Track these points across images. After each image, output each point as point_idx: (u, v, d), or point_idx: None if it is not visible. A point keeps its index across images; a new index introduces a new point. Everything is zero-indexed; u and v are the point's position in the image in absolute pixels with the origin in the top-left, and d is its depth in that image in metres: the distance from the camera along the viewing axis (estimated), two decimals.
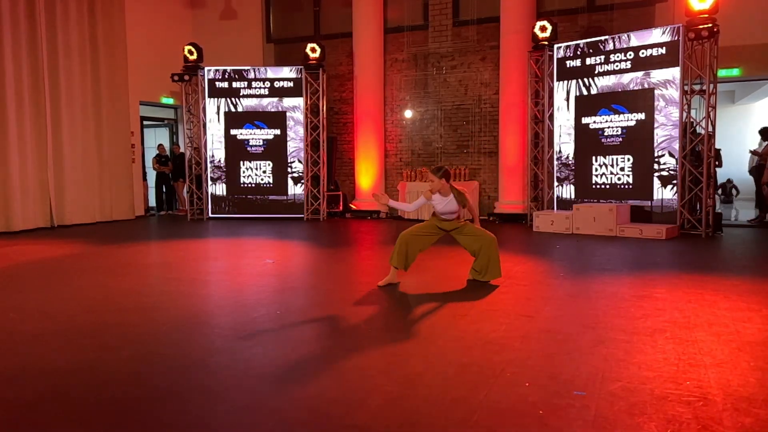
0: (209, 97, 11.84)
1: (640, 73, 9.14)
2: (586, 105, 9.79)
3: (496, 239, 5.41)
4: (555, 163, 10.21)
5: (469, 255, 5.51)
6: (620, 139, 9.40)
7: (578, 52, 9.85)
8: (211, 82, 11.81)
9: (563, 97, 10.06)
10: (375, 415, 2.56)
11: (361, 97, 12.26)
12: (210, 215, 11.96)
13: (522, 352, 3.38)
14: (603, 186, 9.63)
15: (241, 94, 11.82)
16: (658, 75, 8.95)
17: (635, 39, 9.18)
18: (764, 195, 10.06)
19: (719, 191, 11.55)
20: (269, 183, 11.90)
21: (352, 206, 12.43)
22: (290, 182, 11.87)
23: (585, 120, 9.81)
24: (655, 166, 9.03)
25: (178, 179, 13.36)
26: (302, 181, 11.82)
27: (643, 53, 9.10)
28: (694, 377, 2.94)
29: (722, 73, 9.62)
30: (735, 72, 10.09)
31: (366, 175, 12.28)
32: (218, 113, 11.86)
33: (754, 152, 10.98)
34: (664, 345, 3.47)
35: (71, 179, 10.86)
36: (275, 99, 11.78)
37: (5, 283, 5.70)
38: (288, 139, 11.82)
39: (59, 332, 3.91)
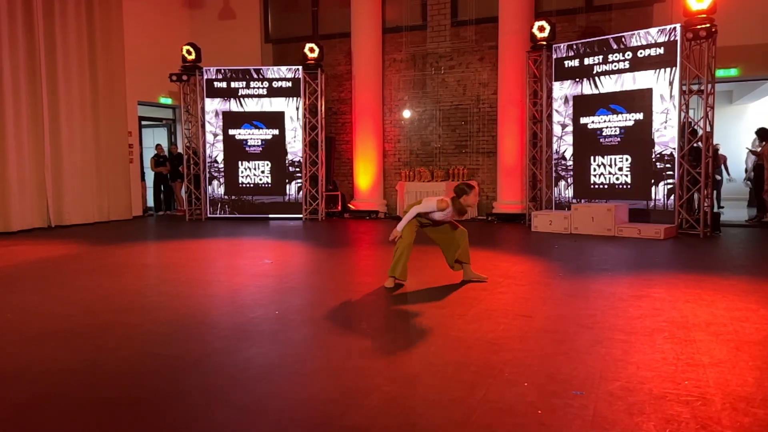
0: (207, 97, 11.83)
1: (638, 73, 9.14)
2: (584, 105, 9.80)
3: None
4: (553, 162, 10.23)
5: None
6: (618, 139, 9.41)
7: (576, 53, 9.86)
8: (210, 82, 11.80)
9: (561, 97, 10.08)
10: (373, 415, 2.56)
11: (360, 97, 12.26)
12: (208, 215, 11.95)
13: (520, 352, 3.38)
14: (601, 186, 9.64)
15: (239, 94, 11.80)
16: (656, 75, 8.96)
17: (633, 39, 9.18)
18: (764, 200, 10.05)
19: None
20: (268, 183, 11.89)
21: (350, 206, 12.42)
22: (289, 182, 11.86)
23: (583, 120, 9.82)
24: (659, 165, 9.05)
25: (177, 179, 13.35)
26: (301, 181, 11.81)
27: (641, 53, 9.10)
28: (692, 377, 2.94)
29: (720, 73, 9.64)
30: (733, 72, 10.11)
31: (364, 175, 12.28)
32: (216, 113, 11.85)
33: (753, 152, 11.01)
34: (662, 345, 3.47)
35: (69, 179, 10.83)
36: (274, 99, 11.77)
37: (2, 283, 5.69)
38: (286, 139, 11.81)
39: (57, 333, 3.91)
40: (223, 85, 11.80)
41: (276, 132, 11.81)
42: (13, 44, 9.87)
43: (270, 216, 11.88)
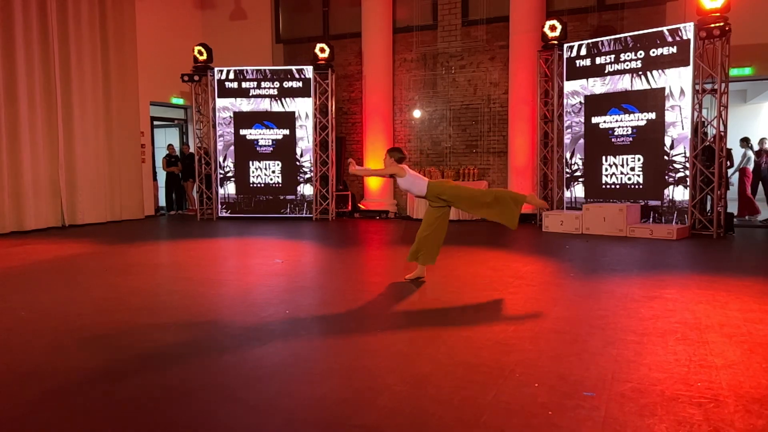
0: (219, 97, 11.88)
1: (650, 73, 9.07)
2: (596, 104, 9.74)
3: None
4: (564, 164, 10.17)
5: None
6: (630, 139, 9.34)
7: (588, 52, 9.79)
8: (221, 82, 11.85)
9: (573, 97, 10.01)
10: (384, 415, 2.56)
11: (370, 97, 12.27)
12: (219, 215, 12.01)
13: (531, 353, 3.36)
14: (613, 186, 9.57)
15: (250, 94, 11.85)
16: (668, 74, 8.88)
17: (645, 38, 9.11)
18: None
19: None
20: (278, 183, 11.93)
21: (360, 206, 12.43)
22: (299, 182, 11.89)
23: (595, 120, 9.76)
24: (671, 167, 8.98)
25: (188, 179, 13.43)
26: (311, 181, 11.84)
27: (653, 52, 9.04)
28: (705, 379, 2.92)
29: (734, 72, 9.53)
30: (747, 71, 10.00)
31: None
32: (227, 113, 11.90)
33: None
34: (674, 346, 3.45)
35: (82, 179, 10.94)
36: (284, 99, 11.81)
37: (17, 282, 5.75)
38: (297, 139, 11.84)
39: (69, 331, 3.94)
40: (234, 85, 11.85)
41: (287, 132, 11.85)
42: (27, 45, 9.97)
43: (281, 216, 11.91)
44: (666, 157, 8.93)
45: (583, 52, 9.84)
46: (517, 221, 5.11)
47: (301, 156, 11.83)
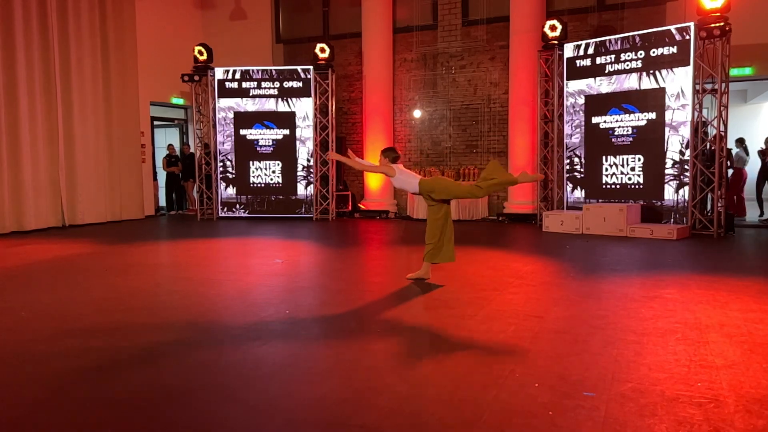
0: (219, 97, 11.88)
1: (659, 72, 9.04)
2: (596, 104, 9.73)
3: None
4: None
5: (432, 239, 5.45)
6: (631, 139, 9.34)
7: (588, 52, 9.79)
8: (221, 82, 11.85)
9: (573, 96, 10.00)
10: (384, 414, 2.56)
11: (370, 97, 12.27)
12: (219, 215, 12.01)
13: (531, 353, 3.36)
14: (613, 186, 9.57)
15: (250, 94, 11.85)
16: (677, 73, 8.85)
17: (646, 38, 9.11)
18: None
19: None
20: (279, 183, 11.93)
21: (360, 206, 12.44)
22: (299, 182, 11.89)
23: (595, 120, 9.75)
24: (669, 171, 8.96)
25: (188, 179, 13.43)
26: (312, 181, 11.84)
27: (654, 52, 9.03)
28: (705, 379, 2.92)
29: (734, 72, 9.53)
30: (747, 71, 10.00)
31: (374, 176, 12.26)
32: (228, 113, 11.90)
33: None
34: (675, 346, 3.45)
35: (82, 179, 10.94)
36: (284, 99, 11.81)
37: (17, 282, 5.75)
38: (297, 139, 11.84)
39: (69, 331, 3.94)
40: (235, 85, 11.85)
41: (287, 132, 11.85)
42: (28, 45, 9.97)
43: (281, 216, 11.91)
44: (680, 156, 8.85)
45: (591, 50, 9.75)
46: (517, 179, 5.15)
47: (311, 156, 11.81)
